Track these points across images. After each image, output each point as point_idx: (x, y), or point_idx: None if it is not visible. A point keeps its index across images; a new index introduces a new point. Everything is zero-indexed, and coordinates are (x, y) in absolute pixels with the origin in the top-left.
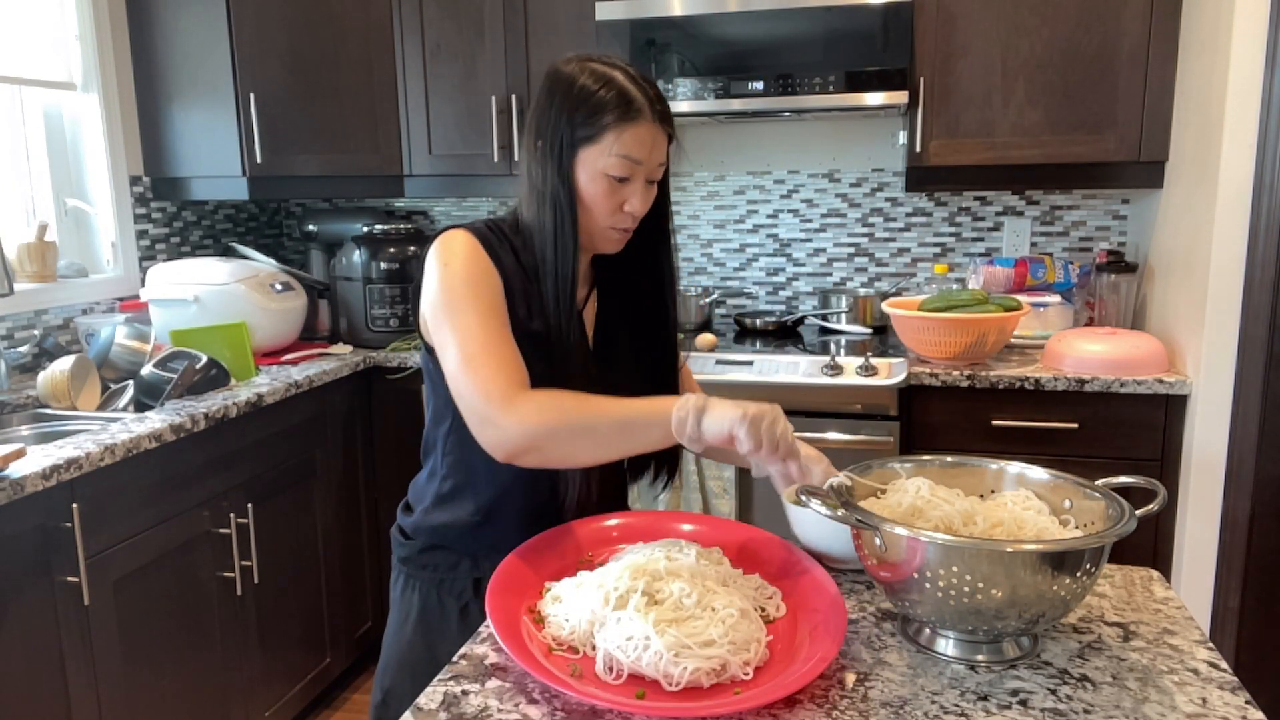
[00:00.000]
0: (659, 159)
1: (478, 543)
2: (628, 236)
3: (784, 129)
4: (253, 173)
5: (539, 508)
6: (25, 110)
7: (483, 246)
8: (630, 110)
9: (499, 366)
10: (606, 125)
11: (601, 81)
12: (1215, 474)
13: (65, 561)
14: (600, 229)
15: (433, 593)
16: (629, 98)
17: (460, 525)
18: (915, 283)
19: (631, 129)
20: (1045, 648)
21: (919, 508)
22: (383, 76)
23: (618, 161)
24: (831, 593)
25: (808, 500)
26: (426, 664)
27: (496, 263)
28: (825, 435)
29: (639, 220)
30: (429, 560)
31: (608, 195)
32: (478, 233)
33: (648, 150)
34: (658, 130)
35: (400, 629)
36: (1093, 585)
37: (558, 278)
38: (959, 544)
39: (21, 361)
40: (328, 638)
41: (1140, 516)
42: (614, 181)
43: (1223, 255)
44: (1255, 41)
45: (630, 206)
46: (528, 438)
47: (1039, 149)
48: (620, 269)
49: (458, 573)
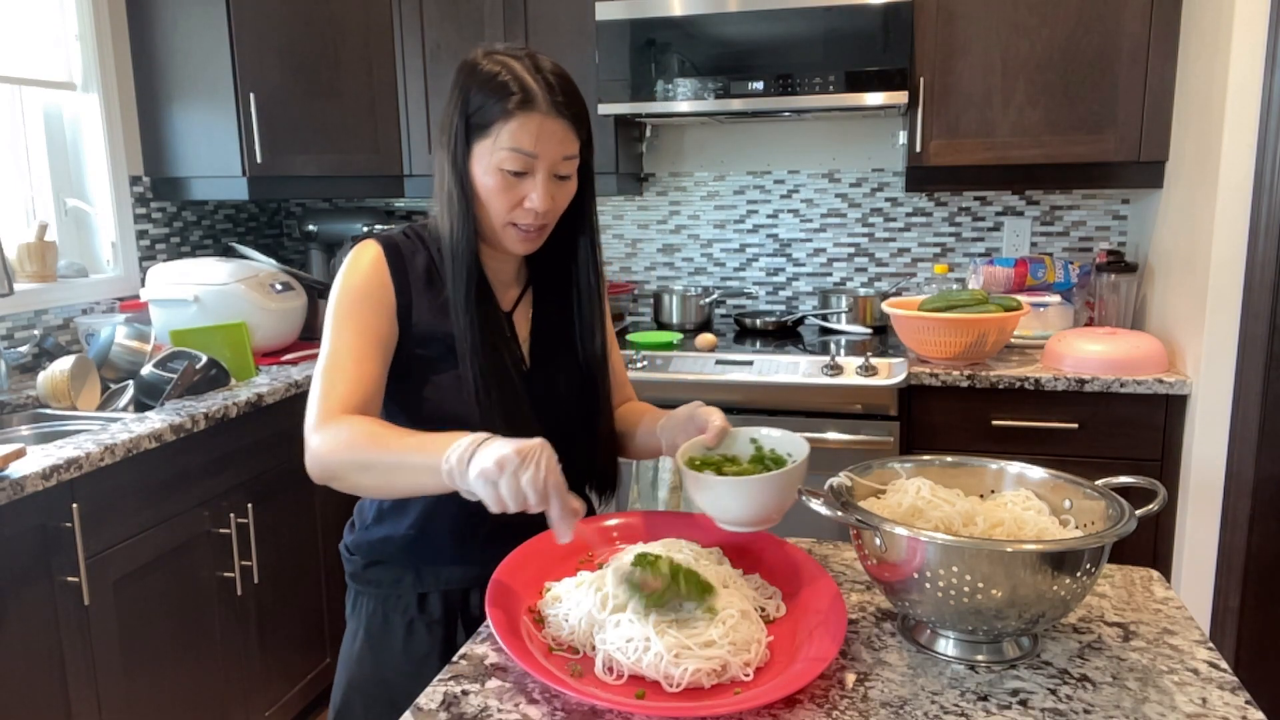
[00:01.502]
0: (560, 152)
1: (416, 556)
2: (536, 235)
3: (784, 129)
4: (253, 173)
5: (472, 520)
6: (25, 110)
7: (388, 258)
8: (520, 100)
9: (333, 386)
10: (495, 116)
11: (494, 71)
12: (1215, 474)
13: (65, 561)
14: (499, 227)
15: (379, 609)
16: (521, 87)
17: (397, 539)
18: (915, 283)
19: (521, 120)
20: (1045, 648)
21: (919, 508)
22: (383, 76)
23: (509, 155)
24: (832, 593)
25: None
26: (374, 684)
27: (400, 274)
28: (825, 435)
29: (547, 217)
30: (372, 576)
31: (503, 191)
32: (387, 243)
33: (541, 143)
34: (555, 121)
35: (350, 647)
36: (1093, 585)
37: (454, 278)
38: (959, 544)
39: (21, 361)
40: (328, 638)
41: (1140, 516)
42: (509, 176)
43: (1222, 255)
44: (1255, 41)
45: (531, 203)
46: (319, 464)
47: (1039, 149)
48: (549, 268)
49: (401, 588)
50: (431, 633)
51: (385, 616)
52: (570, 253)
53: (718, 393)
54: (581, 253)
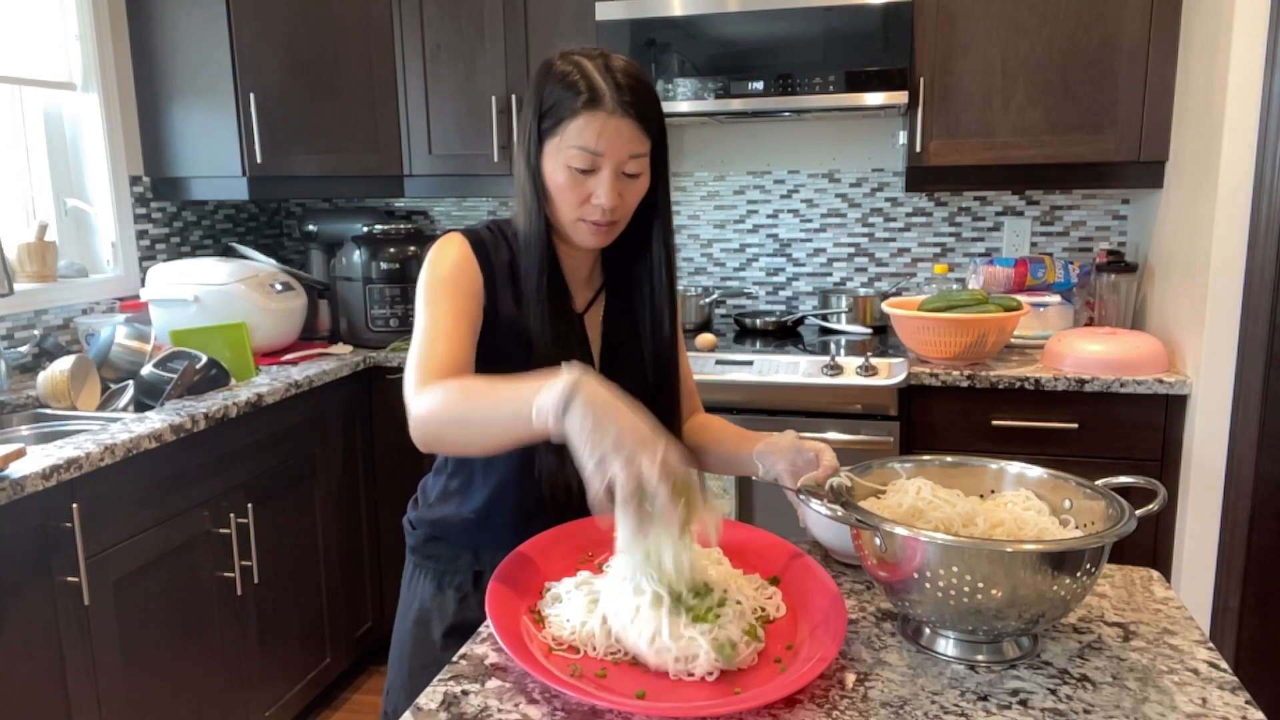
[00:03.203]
0: (626, 151)
1: (476, 538)
2: (608, 230)
3: (784, 129)
4: (253, 173)
5: (534, 510)
6: (25, 110)
7: (473, 249)
8: (588, 100)
9: (430, 356)
10: (564, 115)
11: (566, 71)
12: (1215, 474)
13: (65, 561)
14: (570, 222)
15: (434, 583)
16: (589, 86)
17: (458, 521)
18: (915, 283)
19: (588, 119)
20: (1045, 648)
21: (919, 508)
22: (383, 76)
23: (576, 153)
24: (832, 593)
25: (806, 499)
26: (422, 649)
27: (486, 264)
28: (825, 435)
29: (615, 214)
30: (431, 551)
31: (571, 188)
32: (472, 235)
33: (606, 141)
34: (621, 120)
35: (403, 618)
36: (1093, 585)
37: (528, 269)
38: (959, 544)
39: (21, 361)
40: (328, 638)
41: (1140, 516)
42: (576, 173)
43: (1222, 255)
44: (1255, 41)
45: (598, 199)
46: (422, 428)
47: (1039, 149)
48: (623, 266)
49: (458, 564)
50: (483, 609)
51: (440, 588)
52: (644, 248)
53: (718, 393)
54: (655, 248)
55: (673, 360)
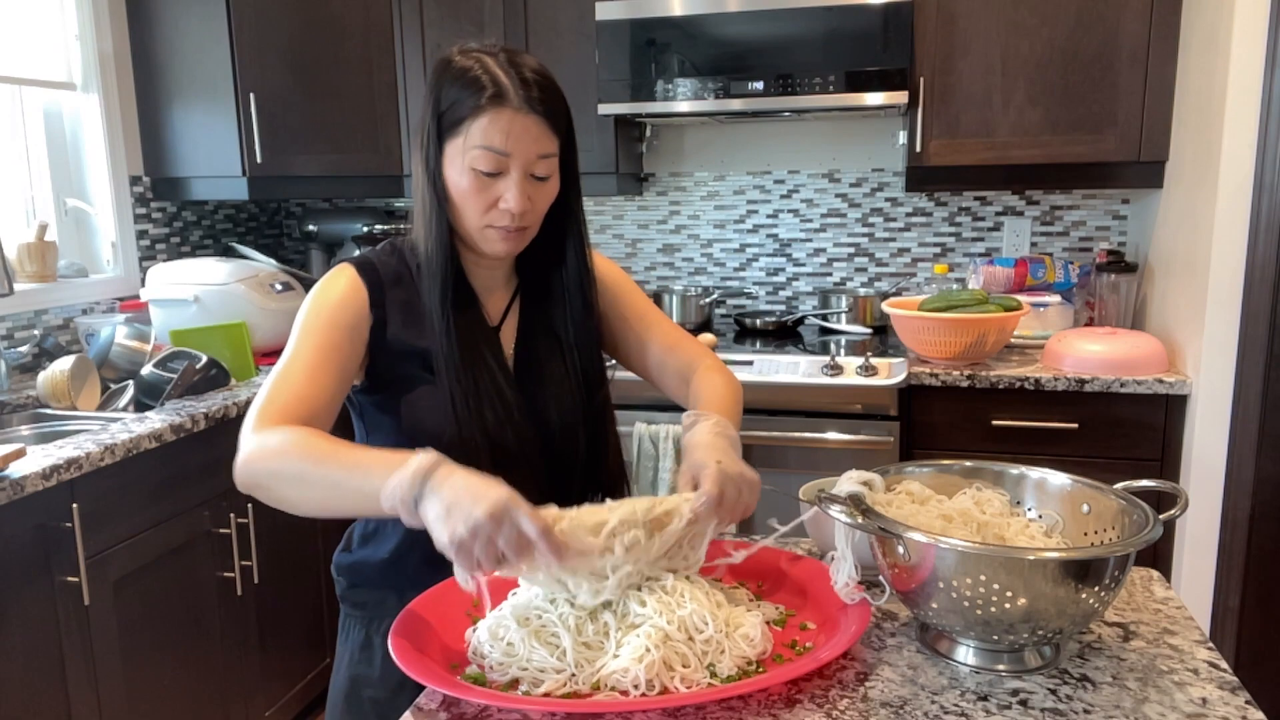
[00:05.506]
0: (535, 150)
1: (395, 578)
2: (518, 236)
3: (784, 129)
4: (253, 173)
5: None
6: (25, 110)
7: (363, 277)
8: (492, 96)
9: (280, 393)
10: (466, 114)
11: (467, 67)
12: (1215, 474)
13: (65, 561)
14: (476, 230)
15: (362, 631)
16: (493, 82)
17: (375, 563)
18: (915, 283)
19: (492, 117)
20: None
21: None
22: (383, 76)
23: (481, 154)
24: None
25: (826, 506)
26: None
27: (377, 291)
28: (825, 435)
29: (525, 219)
30: (357, 597)
31: (477, 192)
32: (362, 263)
33: (513, 140)
34: (528, 118)
35: (337, 670)
36: (1118, 594)
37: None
38: (982, 551)
39: (21, 361)
40: (327, 638)
41: (1164, 520)
42: (482, 176)
43: (1223, 255)
44: (1255, 41)
45: (506, 203)
46: (247, 466)
47: (1039, 149)
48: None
49: (384, 609)
50: None
51: (368, 637)
52: (558, 258)
53: None
54: (570, 257)
55: (603, 372)
